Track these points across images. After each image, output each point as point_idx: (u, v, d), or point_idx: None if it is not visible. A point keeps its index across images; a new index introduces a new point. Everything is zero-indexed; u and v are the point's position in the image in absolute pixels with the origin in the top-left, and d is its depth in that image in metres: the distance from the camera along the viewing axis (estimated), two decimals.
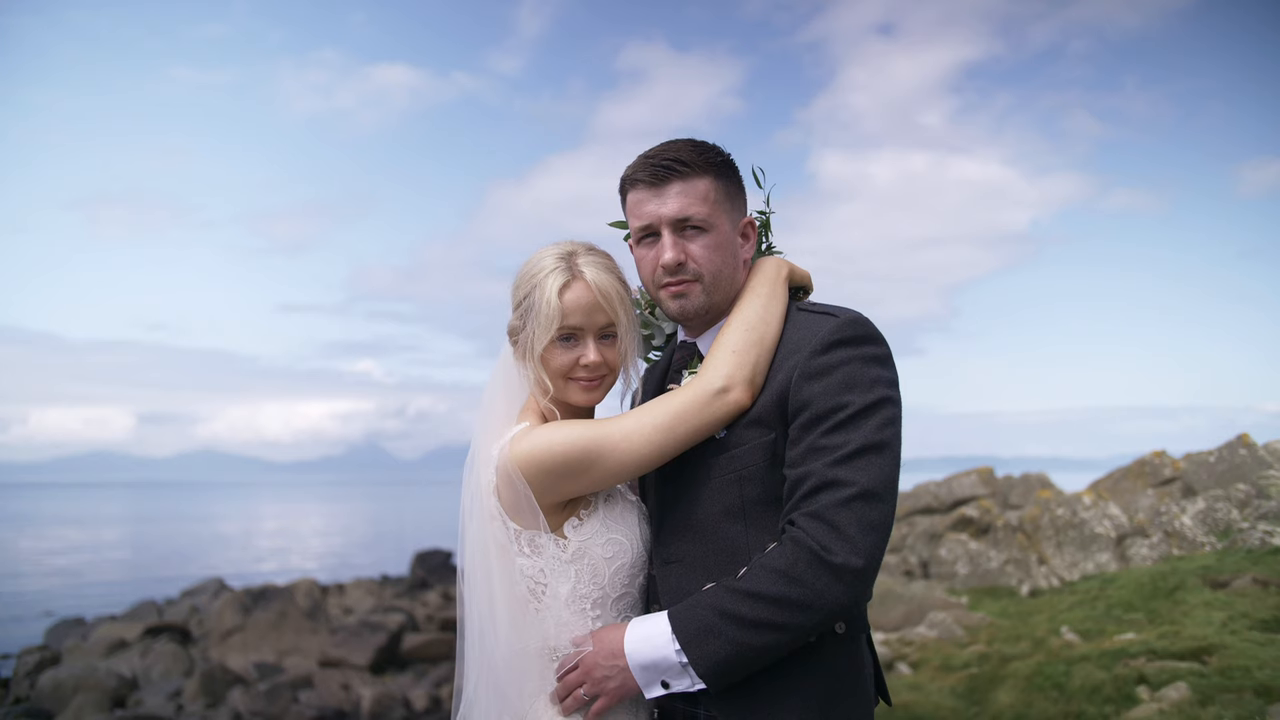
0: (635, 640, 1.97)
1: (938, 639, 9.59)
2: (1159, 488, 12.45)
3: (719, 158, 2.13)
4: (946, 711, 7.20)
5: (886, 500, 1.88)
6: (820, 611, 1.85)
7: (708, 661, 1.89)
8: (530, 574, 2.09)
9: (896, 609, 11.07)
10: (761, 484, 2.01)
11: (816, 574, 1.83)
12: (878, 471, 1.87)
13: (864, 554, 1.83)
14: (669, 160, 2.08)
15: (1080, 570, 11.11)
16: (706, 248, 2.10)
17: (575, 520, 2.11)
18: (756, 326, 2.06)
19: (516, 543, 2.08)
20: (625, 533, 2.14)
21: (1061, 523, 11.56)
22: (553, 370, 2.14)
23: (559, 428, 2.04)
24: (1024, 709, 6.84)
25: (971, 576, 12.03)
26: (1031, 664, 7.53)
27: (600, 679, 1.98)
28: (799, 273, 2.27)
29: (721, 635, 1.88)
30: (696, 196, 2.08)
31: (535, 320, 2.10)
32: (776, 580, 1.85)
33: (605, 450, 1.99)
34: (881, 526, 1.86)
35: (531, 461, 2.00)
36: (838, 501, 1.85)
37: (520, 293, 2.16)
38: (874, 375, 1.95)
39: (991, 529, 12.53)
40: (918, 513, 14.73)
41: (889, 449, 1.91)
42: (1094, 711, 6.32)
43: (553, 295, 2.08)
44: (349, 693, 12.42)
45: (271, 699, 11.79)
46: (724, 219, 2.13)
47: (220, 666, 13.24)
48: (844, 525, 1.83)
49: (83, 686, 12.45)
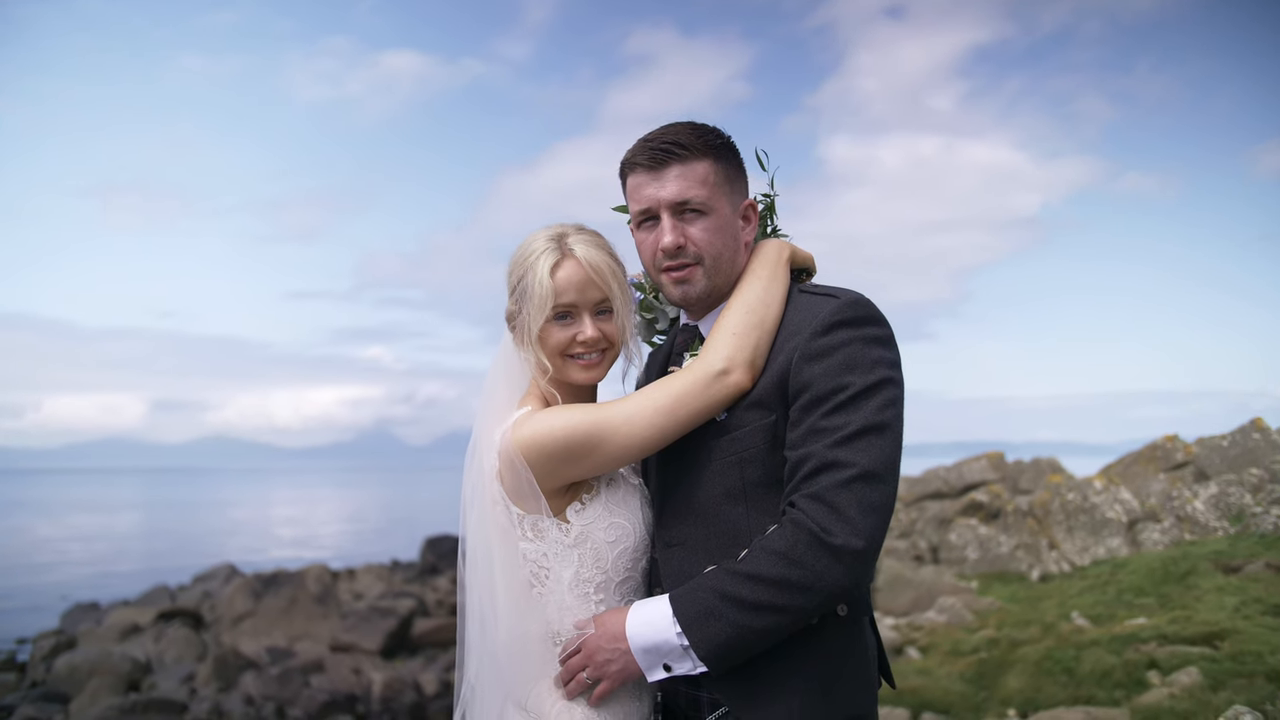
0: (637, 623, 1.97)
1: (947, 624, 9.59)
2: (1171, 472, 12.40)
3: (718, 140, 2.11)
4: (955, 696, 7.20)
5: (887, 482, 1.87)
6: (820, 593, 1.84)
7: (709, 644, 1.89)
8: (533, 558, 2.08)
9: (906, 594, 11.07)
10: (762, 466, 2.00)
11: (816, 556, 1.82)
12: (878, 453, 1.86)
13: (864, 535, 1.82)
14: (667, 143, 2.07)
15: (1091, 555, 11.08)
16: (706, 231, 2.09)
17: (578, 504, 2.10)
18: (757, 309, 2.05)
19: (519, 527, 2.08)
20: (628, 516, 2.14)
21: (1072, 507, 11.53)
22: (551, 350, 2.13)
23: (560, 412, 2.04)
24: (1033, 693, 6.84)
25: (981, 561, 12.01)
26: (1041, 649, 7.52)
27: (602, 662, 1.99)
28: (801, 255, 2.26)
29: (722, 618, 1.88)
30: (695, 179, 2.07)
31: (530, 302, 2.10)
32: (776, 562, 1.85)
33: (607, 434, 1.98)
34: (882, 508, 1.85)
35: (534, 445, 2.00)
36: (838, 483, 1.83)
37: (514, 277, 2.16)
38: (875, 356, 1.93)
39: (1001, 514, 12.51)
40: (927, 498, 14.71)
41: (890, 430, 1.89)
42: (1104, 696, 6.31)
43: (544, 275, 2.07)
44: (360, 677, 12.49)
45: (283, 683, 11.86)
46: (724, 202, 2.11)
47: (232, 651, 13.33)
48: (844, 507, 1.82)
49: (98, 670, 12.56)
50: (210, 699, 11.49)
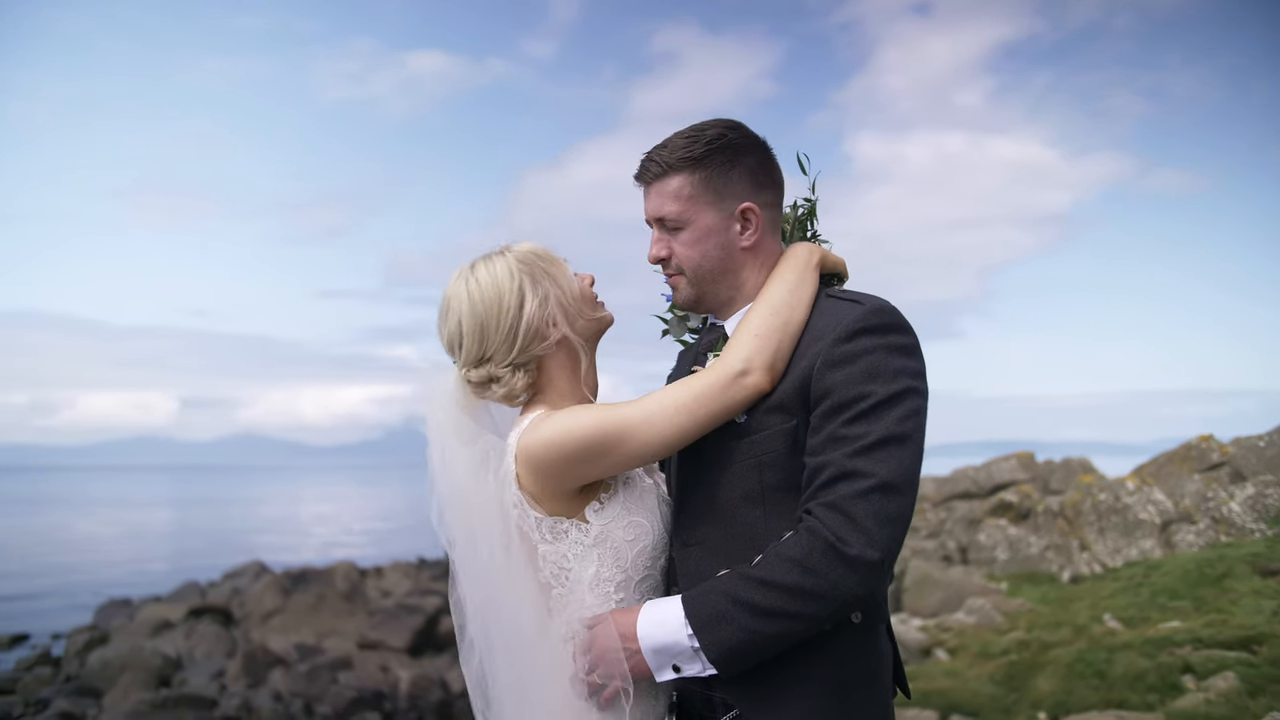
0: (648, 624, 1.96)
1: (976, 625, 9.50)
2: (1206, 473, 12.19)
3: (700, 149, 2.09)
4: (985, 698, 7.12)
5: (906, 493, 1.84)
6: (834, 602, 1.82)
7: (719, 647, 1.88)
8: (553, 560, 2.07)
9: (934, 595, 10.98)
10: (781, 470, 1.98)
11: (831, 565, 1.80)
12: (897, 463, 1.83)
13: (880, 547, 1.79)
14: (647, 160, 2.12)
15: (1123, 556, 10.93)
16: (684, 244, 2.12)
17: (596, 504, 2.08)
18: (781, 311, 2.02)
19: (538, 530, 2.06)
20: (646, 515, 2.12)
21: (1104, 508, 11.38)
22: (586, 301, 2.18)
23: (578, 412, 2.02)
24: (1064, 696, 6.75)
25: (1011, 562, 11.89)
26: (1072, 651, 7.42)
27: (613, 661, 1.98)
28: (831, 259, 2.22)
29: (734, 622, 1.86)
30: (667, 195, 2.10)
31: (550, 286, 2.12)
32: (791, 569, 1.83)
33: (625, 433, 1.96)
34: (899, 519, 1.82)
35: (552, 446, 1.98)
36: (856, 493, 1.81)
37: (499, 324, 2.09)
38: (898, 365, 1.90)
39: (1031, 514, 12.37)
40: (956, 498, 14.58)
41: (910, 441, 1.86)
42: (1137, 700, 6.22)
43: (544, 258, 2.14)
44: (387, 674, 12.57)
45: (311, 680, 11.96)
46: (705, 211, 2.10)
47: (261, 647, 13.47)
48: (861, 517, 1.80)
49: (129, 666, 12.73)
50: (239, 695, 11.60)
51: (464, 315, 2.09)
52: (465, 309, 2.09)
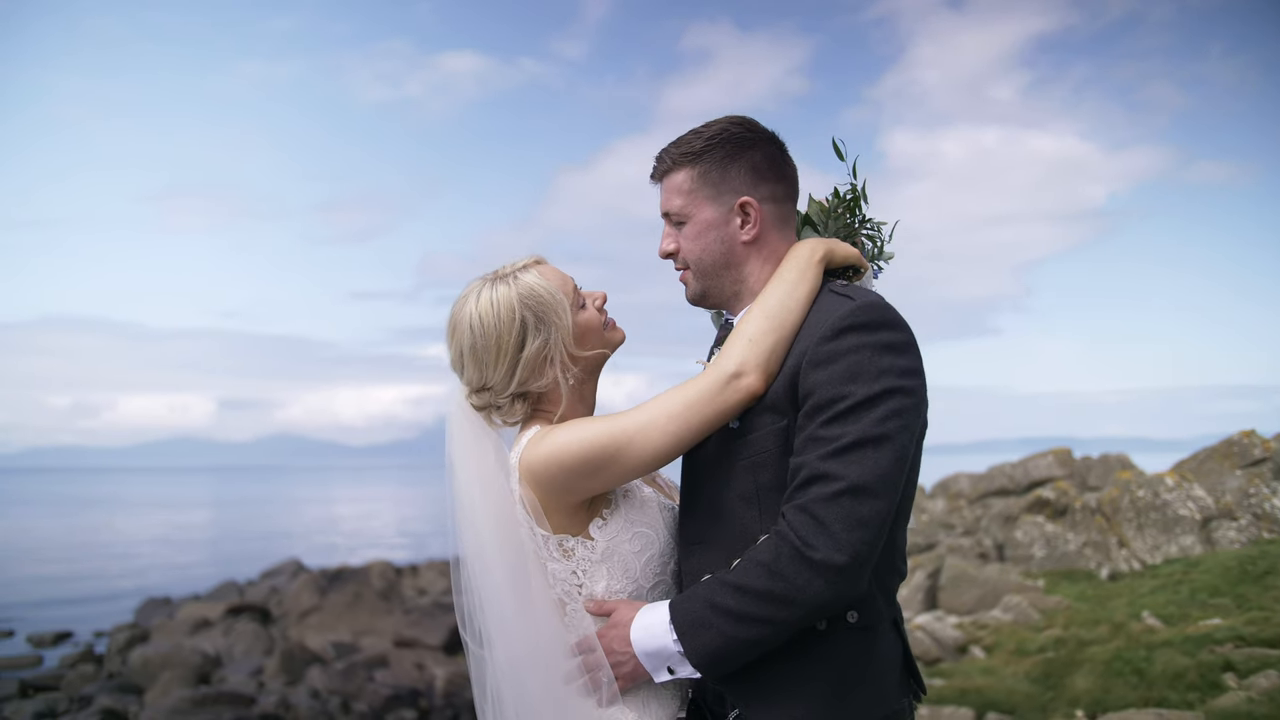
0: (639, 629, 2.00)
1: (1013, 622, 9.40)
2: (1248, 469, 11.97)
3: (700, 144, 2.11)
4: (1021, 696, 7.05)
5: (880, 495, 1.81)
6: (803, 606, 1.82)
7: (701, 653, 1.91)
8: (563, 577, 2.10)
9: (970, 592, 10.88)
10: (774, 470, 1.98)
11: (797, 569, 1.80)
12: (871, 466, 1.81)
13: (847, 550, 1.77)
14: (656, 157, 2.18)
15: (1163, 553, 10.76)
16: (686, 238, 2.16)
17: (599, 520, 2.11)
18: (777, 312, 2.01)
19: (545, 548, 2.09)
20: (649, 523, 2.14)
21: (1143, 504, 11.21)
22: (592, 333, 2.18)
23: (574, 426, 2.04)
24: (1102, 694, 6.66)
25: (1048, 559, 11.75)
26: (1110, 649, 7.33)
27: (615, 664, 2.03)
28: (841, 252, 2.17)
29: (712, 627, 1.89)
30: (673, 191, 2.16)
31: (551, 329, 2.11)
32: (761, 574, 1.84)
33: (623, 445, 1.97)
34: (870, 522, 1.80)
35: (552, 462, 2.00)
36: (825, 496, 1.80)
37: (497, 361, 2.11)
38: (883, 364, 1.87)
39: (1069, 511, 12.21)
40: (992, 494, 14.44)
41: (889, 442, 1.83)
42: (1177, 698, 6.12)
43: (540, 285, 2.11)
44: (423, 672, 12.68)
45: (348, 678, 12.09)
46: (705, 205, 2.12)
47: (299, 645, 13.63)
48: (829, 520, 1.78)
49: (170, 663, 12.94)
50: (277, 692, 11.75)
51: (465, 347, 2.14)
52: (466, 341, 2.13)
